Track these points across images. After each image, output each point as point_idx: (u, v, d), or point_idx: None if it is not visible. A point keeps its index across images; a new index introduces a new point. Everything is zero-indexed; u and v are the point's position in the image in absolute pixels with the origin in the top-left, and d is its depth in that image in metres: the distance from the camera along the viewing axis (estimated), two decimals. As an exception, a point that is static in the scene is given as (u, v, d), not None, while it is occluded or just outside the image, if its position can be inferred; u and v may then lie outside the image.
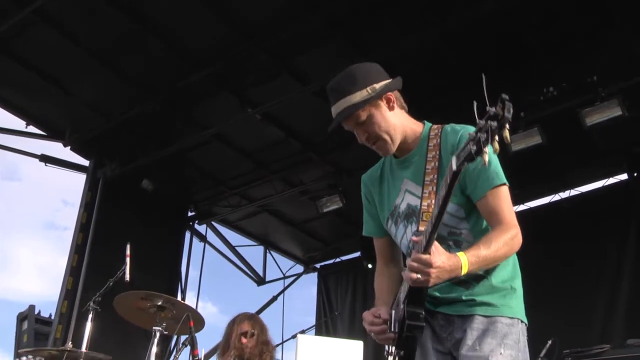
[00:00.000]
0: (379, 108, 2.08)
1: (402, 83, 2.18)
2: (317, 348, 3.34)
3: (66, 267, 7.13)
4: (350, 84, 2.07)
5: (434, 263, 1.76)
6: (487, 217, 2.01)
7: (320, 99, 6.73)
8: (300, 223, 9.12)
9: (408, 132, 2.14)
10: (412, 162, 2.12)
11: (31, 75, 6.49)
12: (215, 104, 6.88)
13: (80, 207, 7.46)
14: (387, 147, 2.10)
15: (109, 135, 7.21)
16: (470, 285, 2.01)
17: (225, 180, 8.27)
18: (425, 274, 1.77)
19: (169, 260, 8.14)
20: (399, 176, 2.16)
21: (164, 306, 3.21)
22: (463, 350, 1.95)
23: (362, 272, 9.20)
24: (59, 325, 6.69)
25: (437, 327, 2.06)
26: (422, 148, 2.10)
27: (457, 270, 1.83)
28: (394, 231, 2.17)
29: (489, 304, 1.99)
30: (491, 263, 1.94)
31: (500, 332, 1.95)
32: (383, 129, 2.07)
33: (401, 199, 2.13)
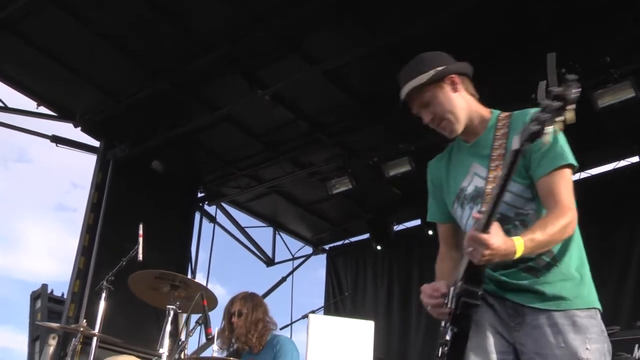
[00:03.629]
0: (442, 89, 2.13)
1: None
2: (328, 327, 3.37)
3: (78, 247, 7.20)
4: (418, 67, 2.16)
5: (491, 244, 1.77)
6: (544, 198, 2.00)
7: (329, 80, 6.74)
8: (309, 204, 9.14)
9: (475, 116, 2.18)
10: (481, 146, 2.15)
11: (42, 56, 6.50)
12: (224, 85, 6.87)
13: (91, 187, 7.51)
14: (451, 127, 2.14)
15: (119, 116, 7.23)
16: (539, 273, 2.01)
17: (234, 161, 8.29)
18: (479, 253, 1.79)
19: (178, 241, 8.19)
20: (467, 160, 2.19)
21: (178, 285, 3.24)
22: (546, 349, 1.94)
23: (371, 253, 9.25)
24: (71, 304, 6.77)
25: (503, 314, 2.05)
26: (490, 133, 2.13)
27: (511, 254, 1.83)
28: (460, 214, 2.19)
29: (562, 298, 1.98)
30: (545, 247, 1.95)
31: (581, 326, 1.94)
32: (447, 108, 2.12)
33: (468, 182, 2.16)
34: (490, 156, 2.07)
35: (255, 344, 4.04)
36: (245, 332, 4.03)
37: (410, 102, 2.16)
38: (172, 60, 6.53)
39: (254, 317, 4.08)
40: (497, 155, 2.05)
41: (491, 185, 2.01)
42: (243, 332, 4.04)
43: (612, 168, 7.54)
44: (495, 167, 2.03)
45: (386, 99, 6.87)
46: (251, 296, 4.24)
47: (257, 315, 4.10)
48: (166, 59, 6.55)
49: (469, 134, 2.18)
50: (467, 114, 2.15)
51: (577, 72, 5.28)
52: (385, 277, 9.09)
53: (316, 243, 10.05)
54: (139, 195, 7.52)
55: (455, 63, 2.19)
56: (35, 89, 7.13)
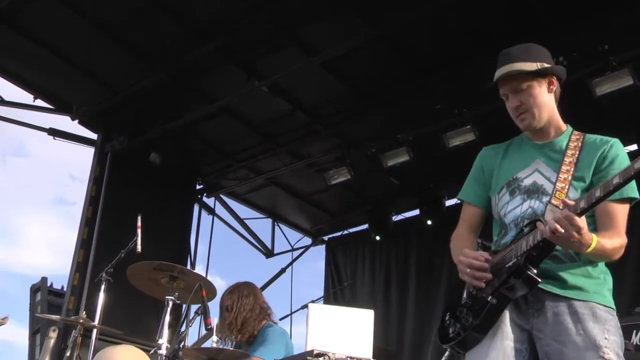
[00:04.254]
0: (540, 84, 2.20)
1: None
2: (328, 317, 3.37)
3: (77, 240, 7.20)
4: (525, 54, 2.22)
5: (582, 227, 1.85)
6: (604, 218, 2.09)
7: (327, 71, 6.73)
8: (308, 195, 9.14)
9: (554, 121, 2.27)
10: (551, 149, 2.24)
11: (38, 48, 6.48)
12: (222, 76, 6.85)
13: (89, 180, 7.50)
14: (530, 121, 2.22)
15: (116, 108, 7.21)
16: (563, 262, 2.06)
17: (232, 153, 8.28)
18: (568, 234, 1.85)
19: (177, 233, 8.19)
20: (531, 154, 2.27)
21: (176, 276, 3.24)
22: (565, 336, 1.98)
23: (370, 243, 9.27)
24: (71, 297, 6.79)
25: (521, 301, 2.08)
26: (562, 142, 2.23)
27: (585, 246, 1.91)
28: (506, 200, 2.24)
29: (583, 289, 2.04)
30: (603, 257, 2.04)
31: (601, 317, 2.01)
32: (536, 103, 2.19)
33: (527, 174, 2.23)
34: (562, 161, 2.16)
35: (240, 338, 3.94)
36: (228, 326, 3.92)
37: (504, 82, 2.21)
38: (169, 52, 6.51)
39: (239, 309, 3.96)
40: (568, 162, 2.16)
41: (561, 185, 2.11)
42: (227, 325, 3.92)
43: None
44: (567, 171, 2.14)
45: (384, 90, 6.91)
46: (239, 287, 4.11)
47: (243, 306, 3.98)
48: (163, 51, 6.53)
49: (540, 136, 2.27)
50: (549, 117, 2.23)
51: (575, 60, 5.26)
52: (384, 267, 9.12)
53: (315, 234, 10.06)
54: (137, 188, 7.50)
55: (555, 64, 2.26)
56: (31, 82, 7.11)
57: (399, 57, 6.50)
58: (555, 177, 2.14)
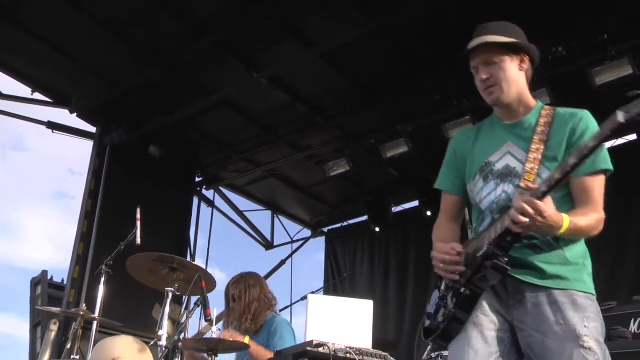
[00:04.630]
0: (513, 60, 2.18)
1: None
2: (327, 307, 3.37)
3: (76, 234, 7.20)
4: (501, 29, 2.21)
5: (544, 211, 1.83)
6: (579, 194, 2.07)
7: (327, 63, 6.71)
8: (307, 187, 9.15)
9: (523, 98, 2.22)
10: (521, 128, 2.20)
11: (37, 42, 6.46)
12: (221, 69, 6.83)
13: (89, 173, 7.49)
14: (499, 95, 2.18)
15: (115, 101, 7.19)
16: (541, 251, 2.04)
17: (232, 145, 8.26)
18: (533, 220, 1.83)
19: (177, 225, 8.20)
20: (502, 137, 2.23)
21: (176, 267, 3.24)
22: (546, 327, 1.97)
23: (369, 235, 9.28)
24: (71, 290, 6.80)
25: (503, 292, 2.07)
26: (532, 120, 2.19)
27: (556, 229, 1.90)
28: (481, 186, 2.21)
29: (562, 277, 2.02)
30: (579, 235, 2.03)
31: (581, 305, 1.99)
32: (506, 77, 2.16)
33: (499, 158, 2.19)
34: (532, 139, 2.12)
35: (251, 326, 4.01)
36: (239, 317, 4.01)
37: (477, 54, 2.18)
38: (168, 45, 6.49)
39: (248, 298, 4.04)
40: (538, 140, 2.11)
41: (530, 165, 2.07)
42: (237, 316, 4.02)
43: (610, 146, 7.52)
44: (536, 150, 2.10)
45: (383, 81, 6.89)
46: (244, 277, 4.18)
47: (251, 296, 4.05)
48: (162, 44, 6.51)
49: (509, 114, 2.24)
50: (518, 93, 2.20)
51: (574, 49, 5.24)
52: (383, 259, 9.13)
53: (315, 226, 10.07)
54: (137, 181, 7.50)
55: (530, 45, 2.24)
56: (30, 75, 7.09)
57: (398, 49, 6.48)
58: (526, 157, 2.11)
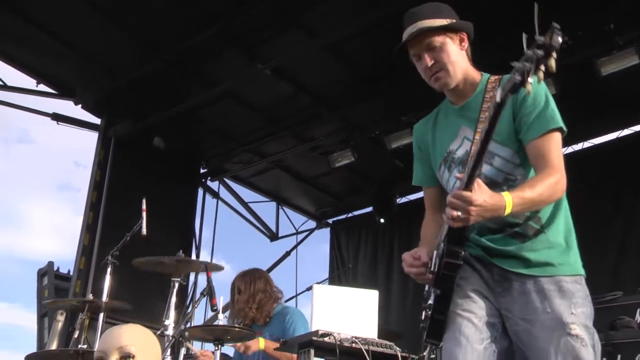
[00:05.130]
0: (453, 41, 2.13)
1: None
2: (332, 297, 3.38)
3: (82, 225, 7.22)
4: (434, 12, 2.15)
5: (474, 200, 1.76)
6: (534, 160, 2.00)
7: (331, 54, 6.69)
8: (311, 178, 9.14)
9: (469, 77, 2.16)
10: (469, 109, 2.14)
11: (41, 33, 6.44)
12: (225, 60, 6.81)
13: (94, 165, 7.50)
14: (446, 79, 2.12)
15: (119, 93, 7.19)
16: (526, 238, 2.01)
17: (236, 136, 8.25)
18: (465, 211, 1.77)
19: (182, 217, 8.21)
20: (456, 123, 2.18)
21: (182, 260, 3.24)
22: (533, 315, 1.95)
23: (373, 226, 9.27)
24: (77, 281, 6.82)
25: (490, 280, 2.06)
26: (480, 96, 2.12)
27: (500, 209, 1.82)
28: (447, 176, 2.18)
29: (549, 264, 1.99)
30: (534, 206, 1.95)
31: (567, 291, 1.95)
32: (451, 59, 2.10)
33: (458, 145, 2.15)
34: (478, 118, 2.05)
35: (257, 316, 4.06)
36: (243, 306, 4.07)
37: (415, 42, 2.12)
38: (172, 36, 6.47)
39: (252, 290, 4.11)
40: (484, 118, 2.01)
41: (476, 147, 1.97)
42: (242, 306, 4.07)
43: (616, 137, 7.50)
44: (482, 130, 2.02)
45: (388, 71, 6.86)
46: (250, 271, 4.27)
47: (256, 287, 4.12)
48: (165, 35, 6.49)
49: (458, 96, 2.18)
50: (463, 73, 2.14)
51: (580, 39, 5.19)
52: (387, 250, 9.12)
53: (319, 217, 10.07)
54: (142, 173, 7.51)
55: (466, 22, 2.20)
56: (34, 67, 7.09)
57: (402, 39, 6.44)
58: None
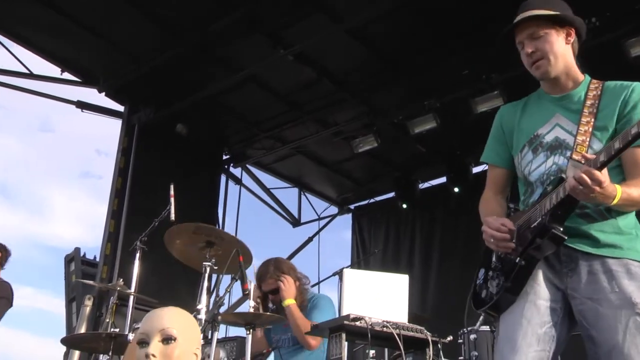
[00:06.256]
0: (558, 33, 2.17)
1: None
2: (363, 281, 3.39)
3: (107, 211, 7.31)
4: (545, 3, 2.20)
5: (603, 181, 1.82)
6: (629, 167, 2.06)
7: (354, 38, 6.64)
8: (334, 164, 9.14)
9: (571, 72, 2.21)
10: (570, 101, 2.19)
11: (65, 21, 6.48)
12: (247, 45, 6.80)
13: (118, 152, 7.57)
14: (546, 68, 2.17)
15: (142, 80, 7.22)
16: (594, 220, 2.04)
17: (258, 122, 8.26)
18: (589, 189, 1.83)
19: (205, 203, 8.24)
20: (550, 109, 2.23)
21: (213, 242, 3.25)
22: (600, 294, 1.96)
23: (396, 212, 9.25)
24: (104, 266, 6.92)
25: (555, 261, 2.07)
26: (581, 93, 2.18)
27: (611, 198, 1.89)
28: (530, 158, 2.21)
29: (616, 246, 2.01)
30: (632, 206, 2.01)
31: (636, 274, 1.98)
32: (553, 50, 2.15)
33: (548, 130, 2.20)
34: (582, 112, 2.12)
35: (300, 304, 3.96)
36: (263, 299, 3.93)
37: (521, 28, 2.18)
38: (195, 22, 6.48)
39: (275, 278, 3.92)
40: (588, 113, 2.11)
41: (581, 137, 2.07)
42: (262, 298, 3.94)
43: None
44: (587, 123, 2.09)
45: (411, 56, 6.81)
46: (277, 267, 4.03)
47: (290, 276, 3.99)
48: (188, 21, 6.49)
49: (557, 88, 2.22)
50: (565, 67, 2.19)
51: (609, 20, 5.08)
52: (409, 235, 9.11)
53: (341, 203, 10.07)
54: (165, 159, 7.56)
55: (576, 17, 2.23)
56: (59, 55, 7.14)
57: (425, 23, 6.38)
58: (576, 130, 2.11)
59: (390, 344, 3.34)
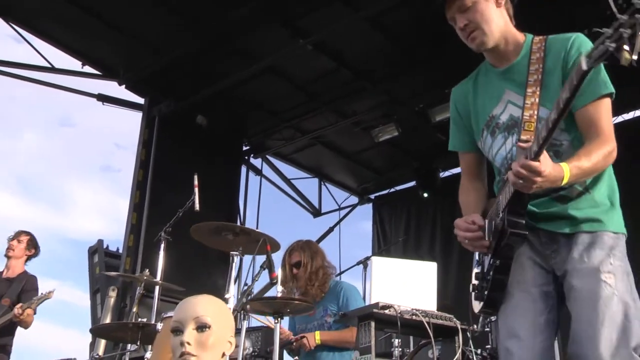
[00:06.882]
0: (487, 0, 2.05)
1: None
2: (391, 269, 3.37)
3: (129, 203, 7.34)
4: None
5: (542, 171, 1.74)
6: (585, 127, 1.96)
7: (372, 27, 6.58)
8: (353, 154, 9.10)
9: (509, 37, 2.10)
10: (515, 72, 2.08)
11: (85, 14, 6.51)
12: (266, 35, 6.77)
13: (139, 144, 7.60)
14: (482, 39, 2.05)
15: (162, 72, 7.23)
16: (570, 200, 1.98)
17: (278, 113, 8.24)
18: (530, 181, 1.76)
19: (226, 194, 8.25)
20: (498, 86, 2.12)
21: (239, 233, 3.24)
22: (570, 265, 1.93)
23: (416, 201, 9.19)
24: (127, 258, 6.95)
25: (537, 243, 2.03)
26: (525, 59, 2.06)
27: (559, 180, 1.82)
28: (490, 142, 2.13)
29: (594, 220, 1.96)
30: (588, 175, 1.93)
31: (607, 243, 1.93)
32: (485, 18, 2.03)
33: (501, 110, 2.10)
34: (527, 82, 1.99)
35: (317, 293, 4.04)
36: (306, 283, 4.04)
37: (449, 5, 2.08)
38: (213, 13, 6.45)
39: (314, 266, 4.07)
40: (533, 81, 1.98)
41: (528, 112, 1.95)
42: (303, 283, 4.04)
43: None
44: (532, 94, 1.97)
45: (430, 43, 6.73)
46: (307, 244, 4.22)
47: (316, 263, 4.09)
48: (207, 12, 6.47)
49: (499, 59, 2.11)
50: (502, 33, 2.07)
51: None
52: (430, 224, 9.05)
53: (361, 193, 10.03)
54: (186, 151, 7.57)
55: None
56: (80, 48, 7.18)
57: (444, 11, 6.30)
58: None
59: (419, 332, 3.32)
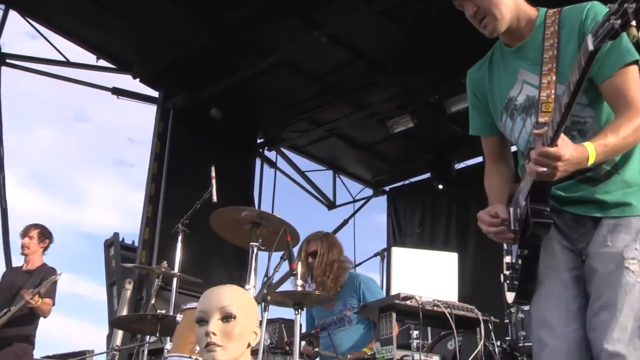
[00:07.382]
0: None
1: None
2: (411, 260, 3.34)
3: (144, 196, 7.37)
4: None
5: (562, 156, 1.64)
6: (613, 100, 1.84)
7: (387, 18, 6.53)
8: (368, 146, 9.06)
9: (521, 15, 1.97)
10: (528, 50, 1.97)
11: (100, 9, 6.51)
12: (280, 28, 6.75)
13: (153, 137, 7.62)
14: (495, 24, 1.93)
15: (176, 65, 7.23)
16: (598, 182, 1.88)
17: (292, 105, 8.21)
18: (552, 167, 1.66)
19: (241, 187, 8.27)
20: (513, 66, 2.01)
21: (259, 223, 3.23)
22: (593, 248, 1.85)
23: (431, 193, 9.14)
24: (142, 251, 6.98)
25: (564, 226, 1.95)
26: (538, 35, 1.94)
27: (584, 161, 1.71)
28: (510, 125, 2.05)
29: (624, 204, 1.86)
30: (619, 152, 1.82)
31: (635, 227, 1.83)
32: (493, 3, 1.91)
33: (518, 91, 1.99)
34: (542, 59, 1.88)
35: (331, 286, 4.01)
36: (321, 274, 4.02)
37: None
38: (227, 5, 6.44)
39: (330, 257, 4.05)
40: (548, 58, 1.86)
41: (545, 92, 1.84)
42: (319, 273, 4.02)
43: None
44: (548, 71, 1.86)
45: (444, 34, 6.66)
46: (326, 236, 4.21)
47: (332, 256, 4.06)
48: (221, 4, 6.45)
49: (513, 37, 2.00)
50: (513, 12, 1.95)
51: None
52: (445, 216, 9.00)
53: (376, 185, 9.99)
54: (200, 144, 7.58)
55: None
56: (94, 42, 7.19)
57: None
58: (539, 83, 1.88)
59: (440, 324, 3.29)
